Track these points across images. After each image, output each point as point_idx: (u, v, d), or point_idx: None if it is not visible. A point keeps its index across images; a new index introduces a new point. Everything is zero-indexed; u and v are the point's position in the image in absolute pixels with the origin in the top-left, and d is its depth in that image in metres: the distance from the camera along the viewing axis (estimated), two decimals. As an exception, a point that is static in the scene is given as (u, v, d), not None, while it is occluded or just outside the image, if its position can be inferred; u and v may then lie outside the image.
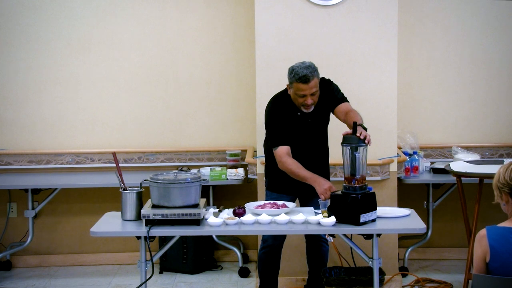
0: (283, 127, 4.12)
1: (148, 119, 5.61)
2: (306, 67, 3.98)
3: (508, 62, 5.55)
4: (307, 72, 3.96)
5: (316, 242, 4.37)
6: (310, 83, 3.97)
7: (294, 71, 4.00)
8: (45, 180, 5.32)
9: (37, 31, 5.51)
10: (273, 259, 4.36)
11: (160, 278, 5.27)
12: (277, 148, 4.09)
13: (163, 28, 5.55)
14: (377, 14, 4.78)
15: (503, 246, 2.82)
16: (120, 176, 3.81)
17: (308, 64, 4.01)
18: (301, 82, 3.96)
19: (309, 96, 4.01)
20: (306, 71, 3.96)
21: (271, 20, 4.78)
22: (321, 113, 4.19)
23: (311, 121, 4.17)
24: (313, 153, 4.23)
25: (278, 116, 4.14)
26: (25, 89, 5.56)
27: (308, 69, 3.98)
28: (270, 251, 4.32)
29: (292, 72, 4.01)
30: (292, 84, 4.02)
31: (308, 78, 3.96)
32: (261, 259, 4.36)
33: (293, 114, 4.14)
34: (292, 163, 4.05)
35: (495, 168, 4.47)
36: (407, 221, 3.78)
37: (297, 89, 4.00)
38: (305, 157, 4.17)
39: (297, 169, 4.04)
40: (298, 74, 3.96)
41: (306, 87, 3.98)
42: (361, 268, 4.84)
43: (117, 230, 3.72)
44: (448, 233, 5.62)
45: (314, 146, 4.23)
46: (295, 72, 3.99)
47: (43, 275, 5.40)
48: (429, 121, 5.59)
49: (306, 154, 4.19)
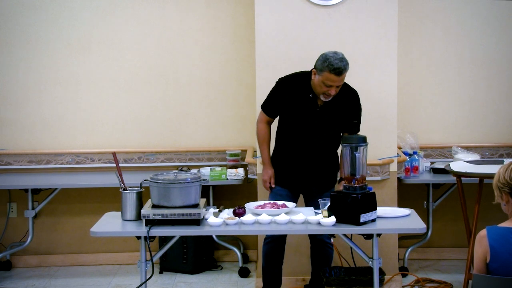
0: (280, 103, 4.22)
1: (148, 119, 5.61)
2: (340, 59, 3.98)
3: (508, 62, 5.55)
4: (342, 65, 3.97)
5: (320, 244, 4.37)
6: (342, 75, 4.00)
7: (328, 60, 3.98)
8: (45, 180, 5.32)
9: (37, 31, 5.51)
10: (275, 251, 4.35)
11: (160, 278, 5.27)
12: (262, 111, 4.30)
13: (163, 28, 5.55)
14: (377, 14, 4.79)
15: (503, 247, 2.82)
16: (120, 176, 3.81)
17: (342, 56, 4.01)
18: (334, 74, 3.97)
19: (334, 87, 4.03)
20: (340, 63, 3.97)
21: (271, 20, 4.79)
22: (334, 111, 4.18)
23: (319, 111, 4.17)
24: (317, 144, 4.22)
25: (283, 91, 4.21)
26: (25, 89, 5.56)
27: (343, 62, 3.98)
28: (272, 242, 4.31)
29: (326, 61, 3.98)
30: (323, 72, 4.00)
31: (341, 71, 3.98)
32: (264, 251, 4.36)
33: (304, 94, 4.16)
34: (263, 132, 4.31)
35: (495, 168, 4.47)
36: (407, 221, 3.78)
37: (327, 79, 4.00)
38: (308, 144, 4.20)
39: (262, 141, 4.31)
40: (333, 65, 3.96)
41: (337, 79, 4.00)
42: (361, 268, 4.84)
43: (117, 230, 3.72)
44: (448, 233, 5.62)
45: (319, 136, 4.20)
46: (329, 62, 3.97)
47: (43, 275, 5.40)
48: (429, 121, 5.59)
49: (309, 142, 4.20)
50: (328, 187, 4.29)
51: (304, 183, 4.27)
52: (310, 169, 4.24)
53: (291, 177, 4.26)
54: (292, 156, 4.25)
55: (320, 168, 4.24)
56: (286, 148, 4.28)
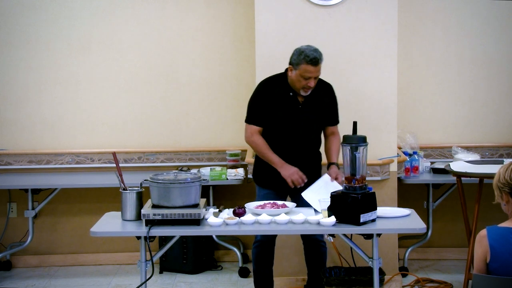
0: (264, 108, 4.21)
1: (148, 119, 5.61)
2: (315, 50, 4.09)
3: (508, 62, 5.55)
4: (317, 55, 4.07)
5: (314, 243, 4.37)
6: (318, 66, 4.08)
7: (304, 53, 4.07)
8: (45, 180, 5.32)
9: (37, 31, 5.51)
10: (265, 254, 4.35)
11: (160, 278, 5.27)
12: (250, 124, 4.24)
13: (163, 28, 5.55)
14: (377, 14, 4.79)
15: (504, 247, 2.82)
16: (120, 176, 3.81)
17: (316, 48, 4.12)
18: (311, 64, 4.05)
19: (313, 78, 4.09)
20: (315, 54, 4.07)
21: (271, 20, 4.79)
22: (314, 107, 4.24)
23: (301, 108, 4.22)
24: (302, 141, 4.26)
25: (263, 96, 4.24)
26: (25, 89, 5.56)
27: (317, 52, 4.09)
28: (261, 245, 4.33)
29: (302, 54, 4.07)
30: (300, 65, 4.08)
31: (317, 61, 4.07)
32: (254, 254, 4.38)
33: (285, 94, 4.21)
34: (262, 142, 4.21)
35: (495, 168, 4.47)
36: (407, 221, 3.78)
37: (305, 71, 4.07)
38: (294, 142, 4.23)
39: (265, 150, 4.21)
40: (309, 56, 4.05)
41: (314, 69, 4.07)
42: (361, 268, 4.84)
43: (117, 230, 3.71)
44: (448, 233, 5.62)
45: (304, 133, 4.24)
46: (305, 54, 4.06)
47: (43, 275, 5.40)
48: (429, 121, 5.59)
49: (295, 139, 4.23)
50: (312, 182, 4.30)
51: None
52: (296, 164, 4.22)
53: (277, 177, 4.25)
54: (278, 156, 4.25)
55: (305, 165, 4.25)
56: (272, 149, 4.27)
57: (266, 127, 4.27)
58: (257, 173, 4.39)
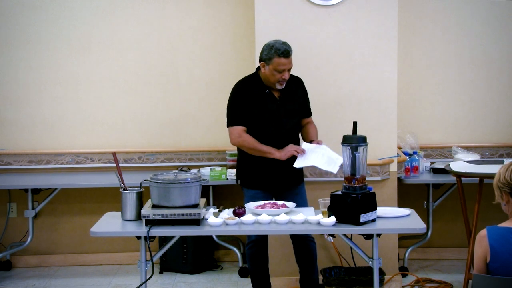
0: (244, 108, 4.26)
1: (148, 119, 5.61)
2: (283, 43, 4.23)
3: (508, 62, 5.55)
4: (287, 47, 4.20)
5: (302, 241, 4.37)
6: (290, 57, 4.19)
7: (274, 47, 4.20)
8: (45, 180, 5.32)
9: (37, 31, 5.51)
10: (260, 254, 4.37)
11: (160, 278, 5.27)
12: (234, 126, 4.27)
13: (163, 28, 5.55)
14: (377, 14, 4.79)
15: (503, 247, 2.82)
16: (120, 176, 3.81)
17: (283, 41, 4.23)
18: (283, 57, 4.16)
19: (286, 71, 4.19)
20: (285, 46, 4.20)
21: (271, 20, 4.79)
22: (291, 100, 4.32)
23: (279, 103, 4.29)
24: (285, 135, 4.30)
25: (241, 97, 4.30)
26: (25, 89, 5.56)
27: (286, 45, 4.22)
28: (255, 245, 4.34)
29: (272, 48, 4.19)
30: (272, 60, 4.18)
31: (288, 53, 4.19)
32: (248, 255, 4.39)
33: (261, 92, 4.28)
34: (251, 138, 4.24)
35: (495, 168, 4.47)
36: (407, 221, 3.78)
37: (278, 64, 4.16)
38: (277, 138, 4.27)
39: (257, 144, 4.23)
40: (280, 49, 4.17)
41: (287, 61, 4.18)
42: (361, 268, 4.84)
43: (117, 230, 3.72)
44: (448, 233, 5.62)
45: (285, 127, 4.29)
46: (275, 47, 4.18)
47: (43, 275, 5.40)
48: (429, 121, 5.59)
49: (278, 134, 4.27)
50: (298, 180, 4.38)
51: (276, 180, 4.30)
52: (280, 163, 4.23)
53: (262, 176, 4.29)
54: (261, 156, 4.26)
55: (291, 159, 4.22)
56: None
57: (249, 128, 4.30)
58: (243, 175, 4.41)
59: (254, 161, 4.30)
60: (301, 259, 4.44)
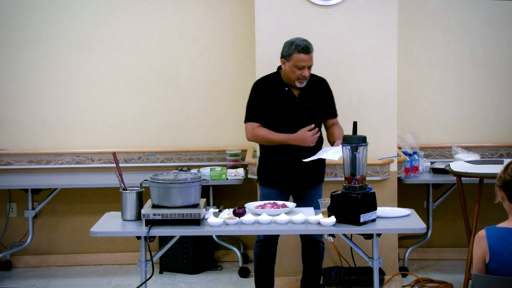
0: (260, 105, 4.26)
1: (148, 119, 5.61)
2: (304, 40, 4.21)
3: (508, 62, 5.55)
4: (307, 44, 4.18)
5: (312, 243, 4.37)
6: (310, 54, 4.16)
7: (294, 43, 4.18)
8: (45, 180, 5.32)
9: (37, 31, 5.51)
10: (267, 254, 4.37)
11: (160, 278, 5.27)
12: (248, 122, 4.29)
13: (163, 28, 5.55)
14: (377, 14, 4.79)
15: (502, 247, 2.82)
16: (120, 176, 3.81)
17: (305, 38, 4.22)
18: (303, 53, 4.14)
19: (306, 68, 4.16)
20: (306, 42, 4.19)
21: (271, 20, 4.79)
22: (311, 99, 4.28)
23: (298, 101, 4.26)
24: None
25: (258, 94, 4.29)
26: (25, 89, 5.57)
27: (307, 41, 4.20)
28: (264, 245, 4.34)
29: (292, 44, 4.18)
30: (292, 56, 4.15)
31: (309, 49, 4.16)
32: (256, 253, 4.39)
33: (280, 90, 4.26)
34: (264, 131, 4.25)
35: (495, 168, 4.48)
36: (407, 221, 3.78)
37: (298, 60, 4.14)
38: None
39: (271, 134, 4.24)
40: (300, 45, 4.15)
41: (307, 57, 4.15)
42: (361, 268, 4.84)
43: (117, 230, 3.72)
44: (448, 233, 5.62)
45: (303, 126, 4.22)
46: (296, 44, 4.17)
47: (43, 275, 5.40)
48: (429, 121, 5.59)
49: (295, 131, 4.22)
50: (316, 181, 4.36)
51: (293, 180, 4.30)
52: (297, 164, 4.24)
53: (279, 176, 4.29)
54: (279, 154, 4.27)
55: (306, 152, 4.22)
56: (272, 147, 4.29)
57: (266, 124, 4.29)
58: (261, 173, 4.40)
59: (273, 159, 4.30)
60: (307, 260, 4.44)
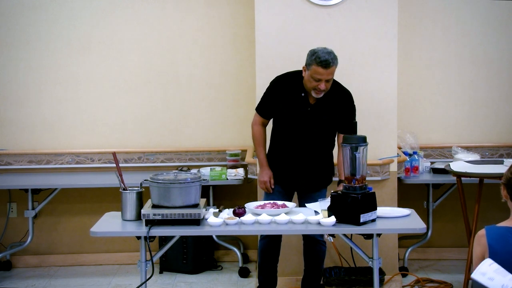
0: (272, 102, 4.26)
1: (148, 119, 5.61)
2: (328, 53, 4.04)
3: (508, 62, 5.55)
4: (329, 58, 4.02)
5: (314, 243, 4.38)
6: (329, 69, 4.03)
7: (316, 54, 4.05)
8: (45, 180, 5.32)
9: (37, 31, 5.51)
10: (271, 249, 4.38)
11: (160, 278, 5.27)
12: (256, 113, 4.34)
13: (163, 28, 5.55)
14: (377, 14, 4.79)
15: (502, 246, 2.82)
16: (120, 176, 3.81)
17: (330, 51, 4.07)
18: (321, 67, 4.01)
19: (324, 81, 4.05)
20: (328, 56, 4.02)
21: (271, 20, 4.79)
22: (326, 111, 4.22)
23: (310, 110, 4.21)
24: (311, 143, 4.26)
25: (274, 90, 4.27)
26: (25, 89, 5.57)
27: (330, 55, 4.04)
28: (268, 238, 4.36)
29: (314, 54, 4.05)
30: (311, 66, 4.06)
31: (328, 64, 4.02)
32: (260, 247, 4.40)
33: (296, 93, 4.21)
34: (258, 134, 4.33)
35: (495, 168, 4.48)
36: (407, 221, 3.78)
37: (315, 72, 4.04)
38: (301, 143, 4.24)
39: (257, 143, 4.34)
40: (320, 58, 4.01)
41: (325, 72, 4.03)
42: (361, 268, 4.84)
43: (117, 230, 3.72)
44: (448, 233, 5.62)
45: (312, 135, 4.23)
46: (317, 55, 4.03)
47: (43, 275, 5.40)
48: (429, 121, 5.59)
49: (303, 140, 4.24)
50: (321, 185, 4.35)
51: (298, 181, 4.32)
52: (303, 168, 4.28)
53: (285, 175, 4.31)
54: (285, 155, 4.30)
55: (313, 168, 4.29)
56: (280, 147, 4.34)
57: (276, 123, 4.32)
58: None
59: (280, 157, 4.32)
60: (308, 260, 4.45)
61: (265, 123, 4.38)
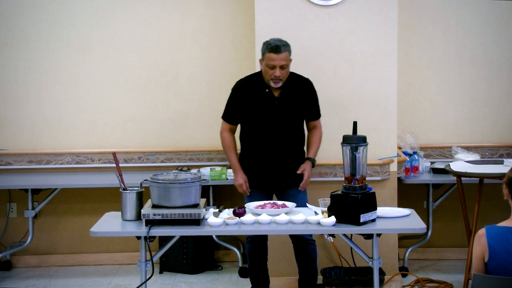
0: (237, 107, 4.36)
1: (148, 119, 5.61)
2: (279, 40, 4.27)
3: (508, 62, 5.55)
4: (280, 44, 4.22)
5: (302, 243, 4.40)
6: (281, 54, 4.19)
7: (267, 42, 4.28)
8: (45, 180, 5.32)
9: (37, 31, 5.51)
10: (257, 249, 4.42)
11: (160, 278, 5.27)
12: (223, 120, 4.43)
13: (163, 28, 5.55)
14: (377, 14, 4.79)
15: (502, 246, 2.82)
16: (120, 176, 3.81)
17: (281, 38, 4.28)
18: (273, 52, 4.19)
19: (278, 68, 4.19)
20: (278, 42, 4.23)
21: (271, 20, 4.79)
22: (292, 101, 4.32)
23: (278, 103, 4.30)
24: (282, 136, 4.32)
25: (237, 95, 4.38)
26: (25, 89, 5.56)
27: (281, 42, 4.25)
28: (253, 241, 4.40)
29: (266, 43, 4.27)
30: (264, 55, 4.24)
31: (279, 48, 4.19)
32: (247, 250, 4.45)
33: (260, 91, 4.32)
34: (228, 141, 4.41)
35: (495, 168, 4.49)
36: (407, 221, 3.78)
37: (269, 59, 4.20)
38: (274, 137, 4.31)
39: (228, 149, 4.42)
40: (271, 44, 4.23)
41: (277, 57, 4.18)
42: (361, 268, 4.84)
43: (117, 230, 3.72)
44: (448, 233, 5.62)
45: (282, 128, 4.31)
46: (268, 43, 4.26)
47: (43, 275, 5.40)
48: (429, 121, 5.59)
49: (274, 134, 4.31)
50: (297, 181, 4.36)
51: (274, 180, 4.37)
52: (278, 164, 4.33)
53: (261, 176, 4.37)
54: (259, 154, 4.36)
55: (287, 162, 4.34)
56: (252, 148, 4.39)
57: (244, 126, 4.39)
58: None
59: (254, 158, 4.36)
60: (300, 260, 4.45)
61: (233, 129, 4.47)
